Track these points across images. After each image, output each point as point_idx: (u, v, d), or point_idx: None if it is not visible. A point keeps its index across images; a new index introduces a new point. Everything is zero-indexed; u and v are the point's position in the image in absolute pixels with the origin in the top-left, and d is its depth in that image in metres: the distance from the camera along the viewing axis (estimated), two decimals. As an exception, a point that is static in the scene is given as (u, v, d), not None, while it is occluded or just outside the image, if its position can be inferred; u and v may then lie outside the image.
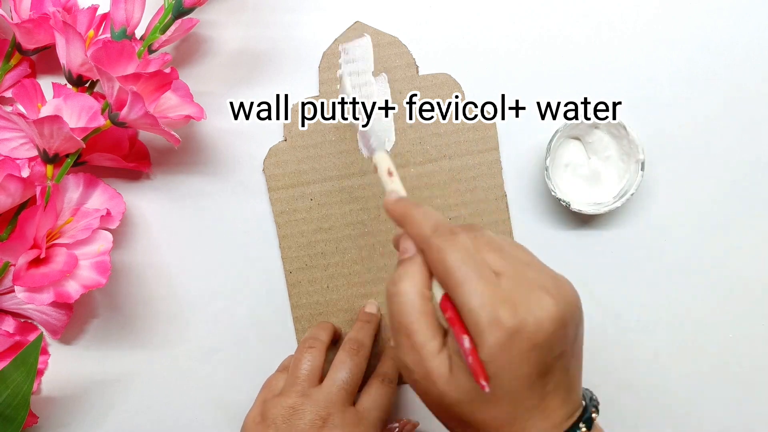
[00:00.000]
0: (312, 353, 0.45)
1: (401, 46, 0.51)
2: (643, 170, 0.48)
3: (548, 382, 0.32)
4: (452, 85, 0.51)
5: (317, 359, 0.45)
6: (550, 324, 0.31)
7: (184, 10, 0.46)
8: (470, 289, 0.31)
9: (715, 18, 0.51)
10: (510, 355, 0.30)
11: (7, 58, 0.49)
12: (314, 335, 0.47)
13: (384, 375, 0.47)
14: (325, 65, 0.51)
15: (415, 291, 0.33)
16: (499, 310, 0.30)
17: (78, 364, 0.52)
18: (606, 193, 0.50)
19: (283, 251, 0.51)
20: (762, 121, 0.51)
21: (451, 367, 0.32)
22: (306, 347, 0.46)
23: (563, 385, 0.33)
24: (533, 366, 0.31)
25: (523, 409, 0.32)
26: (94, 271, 0.46)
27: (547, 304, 0.31)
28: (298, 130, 0.51)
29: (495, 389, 0.31)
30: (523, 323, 0.30)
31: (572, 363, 0.33)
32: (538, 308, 0.31)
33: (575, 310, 0.33)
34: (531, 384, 0.31)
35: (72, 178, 0.48)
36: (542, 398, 0.32)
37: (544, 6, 0.51)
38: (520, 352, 0.30)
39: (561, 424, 0.32)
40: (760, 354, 0.52)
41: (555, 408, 0.32)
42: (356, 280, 0.51)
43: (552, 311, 0.31)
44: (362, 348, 0.46)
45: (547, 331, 0.31)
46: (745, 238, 0.51)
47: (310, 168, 0.51)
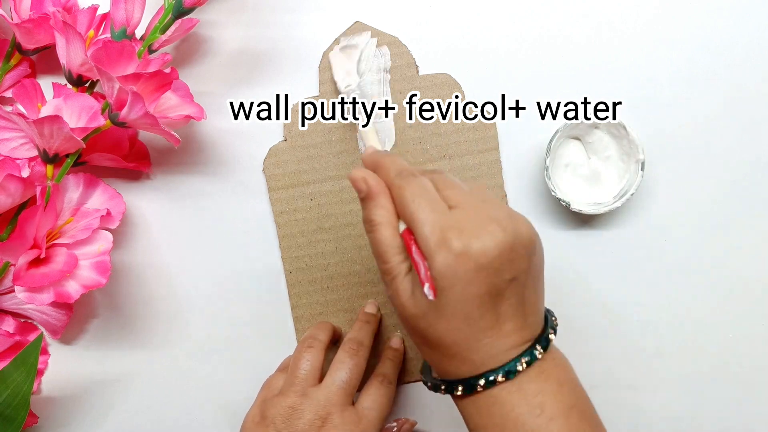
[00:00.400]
0: (311, 353, 0.46)
1: (401, 46, 0.51)
2: (643, 170, 0.48)
3: (500, 304, 0.35)
4: (452, 85, 0.51)
5: (316, 359, 0.45)
6: (495, 249, 0.34)
7: (184, 10, 0.46)
8: (423, 218, 0.35)
9: (715, 18, 0.51)
10: (457, 273, 0.34)
11: (7, 58, 0.49)
12: (313, 335, 0.47)
13: (383, 375, 0.47)
14: (325, 65, 0.51)
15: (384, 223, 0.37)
16: (446, 234, 0.34)
17: (78, 364, 0.52)
18: (606, 193, 0.50)
19: (283, 251, 0.51)
20: (762, 121, 0.51)
21: (414, 288, 0.36)
22: (305, 347, 0.46)
23: (519, 311, 0.35)
24: (481, 286, 0.34)
25: (477, 328, 0.35)
26: (94, 271, 0.46)
27: (495, 231, 0.34)
28: (298, 130, 0.51)
29: (446, 304, 0.34)
30: (468, 246, 0.34)
31: (527, 291, 0.36)
32: (485, 234, 0.34)
33: (526, 242, 0.35)
34: (481, 303, 0.34)
35: (72, 178, 0.48)
36: (496, 320, 0.35)
37: (544, 6, 0.51)
38: (466, 271, 0.33)
39: (517, 347, 0.35)
40: (760, 354, 0.52)
41: (510, 331, 0.35)
42: (356, 280, 0.51)
43: (498, 238, 0.34)
44: (361, 348, 0.46)
45: (492, 255, 0.34)
46: (745, 238, 0.51)
47: (310, 168, 0.51)
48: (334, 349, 0.48)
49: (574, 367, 0.38)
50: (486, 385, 0.35)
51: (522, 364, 0.35)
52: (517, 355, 0.35)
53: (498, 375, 0.35)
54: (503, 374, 0.35)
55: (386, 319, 0.51)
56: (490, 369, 0.35)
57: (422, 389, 0.52)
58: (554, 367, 0.36)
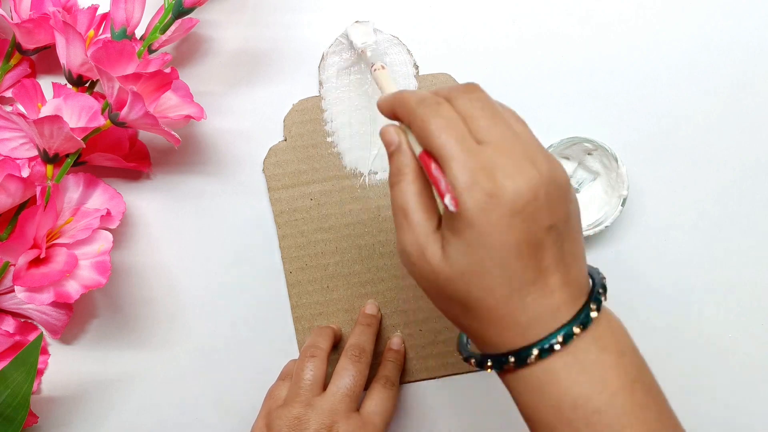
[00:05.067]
0: (314, 362, 0.46)
1: (401, 46, 0.51)
2: (623, 206, 0.48)
3: (542, 257, 0.31)
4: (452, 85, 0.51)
5: (319, 368, 0.46)
6: (530, 192, 0.30)
7: (184, 10, 0.46)
8: (449, 155, 0.31)
9: (714, 18, 0.51)
10: (490, 218, 0.30)
11: (7, 58, 0.49)
12: (315, 343, 0.47)
13: (386, 378, 0.47)
14: (325, 65, 0.51)
15: (410, 175, 0.33)
16: (477, 175, 0.30)
17: (78, 364, 0.52)
18: (582, 221, 0.50)
19: (283, 251, 0.51)
20: (762, 121, 0.51)
21: (444, 246, 0.32)
22: (308, 356, 0.46)
23: (561, 264, 0.32)
24: (519, 233, 0.30)
25: (520, 283, 0.31)
26: (94, 271, 0.46)
27: (529, 172, 0.31)
28: (298, 130, 0.51)
29: (483, 256, 0.31)
30: (501, 188, 0.30)
31: (567, 242, 0.32)
32: (518, 175, 0.30)
33: (562, 187, 0.32)
34: (520, 254, 0.31)
35: (72, 178, 0.48)
36: (540, 273, 0.31)
37: (545, 6, 0.51)
38: (500, 216, 0.30)
39: (567, 304, 0.32)
40: (760, 354, 0.52)
41: (556, 287, 0.31)
42: (356, 280, 0.51)
43: (534, 181, 0.30)
44: (364, 354, 0.46)
45: (527, 198, 0.30)
46: (745, 238, 0.51)
47: (310, 168, 0.51)
48: (336, 351, 0.48)
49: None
50: (541, 355, 0.31)
51: (578, 327, 0.31)
52: (569, 317, 0.31)
53: (553, 341, 0.31)
54: (561, 339, 0.31)
55: (386, 320, 0.51)
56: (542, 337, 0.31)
57: (422, 389, 0.52)
58: (610, 332, 0.32)
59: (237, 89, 0.51)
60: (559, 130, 0.51)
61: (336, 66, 0.50)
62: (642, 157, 0.51)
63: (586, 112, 0.51)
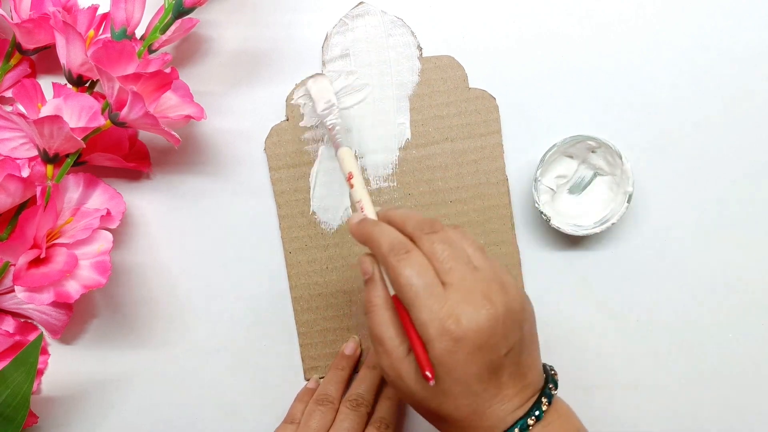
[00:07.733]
0: (322, 411, 0.47)
1: (405, 27, 0.51)
2: (629, 203, 0.48)
3: (501, 375, 0.37)
4: (455, 68, 0.51)
5: (326, 418, 0.47)
6: (489, 329, 0.35)
7: (184, 10, 0.46)
8: (420, 305, 0.36)
9: (715, 18, 0.51)
10: (457, 357, 0.35)
11: (7, 58, 0.49)
12: (326, 391, 0.48)
13: (380, 420, 0.48)
14: (328, 45, 0.51)
15: (383, 305, 0.39)
16: (445, 323, 0.35)
17: (78, 364, 0.52)
18: (588, 218, 0.50)
19: (283, 231, 0.51)
20: (763, 122, 0.51)
21: (416, 370, 0.37)
22: (317, 404, 0.47)
23: (517, 375, 0.37)
24: (480, 364, 0.36)
25: (481, 399, 0.36)
26: (94, 271, 0.46)
27: (488, 311, 0.36)
28: (299, 110, 0.51)
29: (451, 385, 0.36)
30: (465, 332, 0.35)
31: (523, 356, 0.38)
32: (479, 317, 0.35)
33: (517, 314, 0.37)
34: (482, 379, 0.36)
35: (72, 178, 0.48)
36: (499, 389, 0.37)
37: (546, 5, 0.51)
38: (464, 354, 0.35)
39: (522, 406, 0.37)
40: (760, 354, 0.52)
41: (512, 395, 0.37)
42: (355, 261, 0.51)
43: (491, 319, 0.36)
44: (363, 404, 0.48)
45: (488, 334, 0.35)
46: (749, 236, 0.51)
47: (311, 148, 0.51)
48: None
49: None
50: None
51: (532, 419, 0.37)
52: (524, 413, 0.37)
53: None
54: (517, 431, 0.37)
55: None
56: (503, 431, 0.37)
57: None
58: (560, 420, 0.38)
59: (237, 89, 0.51)
60: (561, 129, 0.51)
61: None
62: (644, 157, 0.51)
63: (588, 111, 0.51)
